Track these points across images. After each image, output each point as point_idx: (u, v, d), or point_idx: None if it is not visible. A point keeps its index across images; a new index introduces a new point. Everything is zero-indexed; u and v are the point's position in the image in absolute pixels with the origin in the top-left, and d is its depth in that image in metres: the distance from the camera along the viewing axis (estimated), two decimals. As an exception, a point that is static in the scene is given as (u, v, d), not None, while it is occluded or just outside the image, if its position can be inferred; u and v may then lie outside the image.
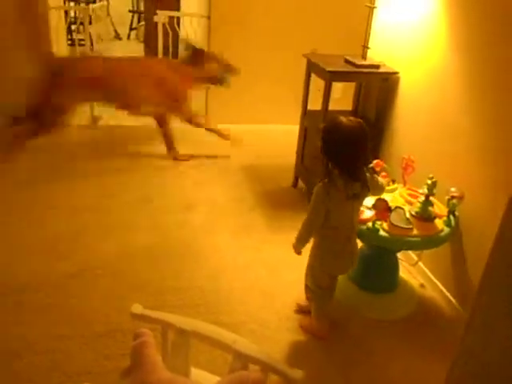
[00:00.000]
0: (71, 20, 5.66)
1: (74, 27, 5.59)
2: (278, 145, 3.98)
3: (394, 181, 2.26)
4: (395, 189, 2.23)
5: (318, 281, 1.93)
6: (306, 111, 3.03)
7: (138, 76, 3.29)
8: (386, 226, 1.95)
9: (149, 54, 6.48)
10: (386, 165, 2.26)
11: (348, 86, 3.54)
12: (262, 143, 4.01)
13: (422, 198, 2.03)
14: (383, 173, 2.23)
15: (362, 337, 2.05)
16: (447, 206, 2.02)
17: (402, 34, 2.62)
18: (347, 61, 2.74)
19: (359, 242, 1.99)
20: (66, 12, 5.17)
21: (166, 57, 4.04)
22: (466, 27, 2.14)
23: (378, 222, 1.94)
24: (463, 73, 2.15)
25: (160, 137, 3.59)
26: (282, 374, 1.45)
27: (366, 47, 2.70)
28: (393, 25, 2.71)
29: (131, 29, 7.90)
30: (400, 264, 2.27)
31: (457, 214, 2.06)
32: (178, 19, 4.19)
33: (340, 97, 3.52)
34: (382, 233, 1.94)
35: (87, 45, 3.81)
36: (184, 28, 4.18)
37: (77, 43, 4.39)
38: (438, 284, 2.32)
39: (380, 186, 1.91)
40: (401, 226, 1.94)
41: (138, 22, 7.81)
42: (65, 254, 2.42)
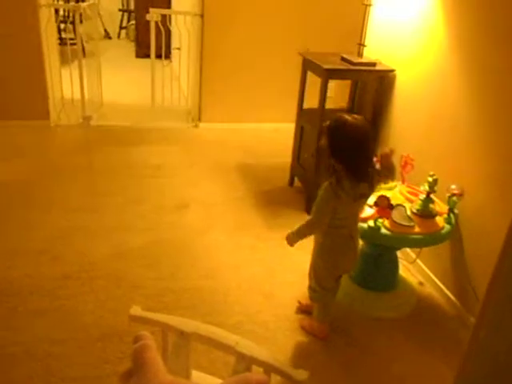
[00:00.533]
0: (61, 19, 5.59)
1: (64, 26, 5.51)
2: (271, 143, 3.96)
3: (391, 179, 2.24)
4: (394, 186, 2.21)
5: (322, 281, 1.91)
6: (301, 109, 3.00)
7: None
8: (387, 223, 1.93)
9: (140, 53, 6.44)
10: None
11: (340, 84, 3.52)
12: (255, 142, 3.99)
13: (423, 195, 2.02)
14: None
15: (362, 336, 2.03)
16: (448, 203, 2.01)
17: (398, 32, 2.61)
18: (343, 59, 2.73)
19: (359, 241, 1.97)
20: (56, 10, 5.09)
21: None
22: (463, 24, 2.13)
23: (380, 220, 1.92)
24: (461, 70, 2.14)
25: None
26: (286, 376, 1.43)
27: (362, 45, 2.69)
28: (389, 22, 2.70)
29: (121, 28, 7.85)
30: (399, 262, 2.26)
31: (456, 211, 2.05)
32: (169, 18, 4.15)
33: (332, 95, 3.50)
34: (383, 231, 1.92)
35: (79, 44, 3.75)
36: (176, 26, 4.12)
37: (68, 43, 4.32)
38: (437, 281, 2.31)
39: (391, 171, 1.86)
40: (403, 223, 1.92)
41: (128, 20, 7.75)
42: (57, 256, 2.37)
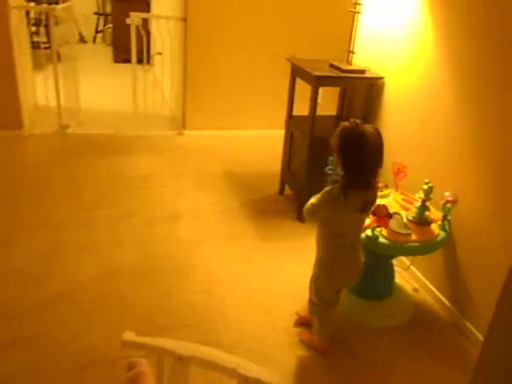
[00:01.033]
0: (32, 21, 5.43)
1: (35, 29, 5.35)
2: (259, 150, 3.94)
3: (386, 186, 2.25)
4: (388, 194, 2.22)
5: (323, 295, 1.88)
6: (291, 116, 2.99)
7: None
8: (385, 232, 1.93)
9: (118, 58, 6.32)
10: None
11: (327, 91, 3.53)
12: (242, 149, 3.96)
13: (418, 203, 2.03)
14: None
15: (361, 347, 2.01)
16: (442, 210, 2.01)
17: (387, 40, 2.62)
18: (332, 65, 2.72)
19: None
20: (27, 13, 4.94)
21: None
22: (452, 32, 2.15)
23: (378, 229, 1.91)
24: (451, 78, 2.16)
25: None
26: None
27: (351, 52, 2.68)
28: (377, 30, 2.71)
29: (97, 31, 7.70)
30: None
31: (449, 217, 2.06)
32: (148, 22, 4.08)
33: (321, 102, 3.50)
34: (381, 240, 1.91)
35: (53, 48, 3.64)
36: (158, 32, 4.05)
37: (41, 46, 4.20)
38: (431, 287, 2.32)
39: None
40: (400, 231, 1.92)
41: (105, 24, 7.61)
42: (40, 277, 2.24)
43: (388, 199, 2.16)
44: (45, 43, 4.44)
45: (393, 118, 2.62)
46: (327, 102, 3.35)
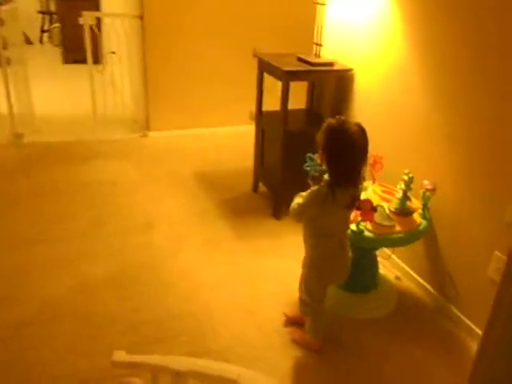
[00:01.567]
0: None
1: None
2: (227, 148, 3.87)
3: (364, 178, 2.24)
4: (367, 187, 2.22)
5: (314, 294, 1.86)
6: (261, 112, 2.94)
7: None
8: (369, 226, 1.93)
9: (68, 58, 6.04)
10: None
11: (292, 84, 3.50)
12: (210, 147, 3.88)
13: (399, 193, 2.04)
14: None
15: (352, 341, 2.01)
16: (422, 198, 2.04)
17: (355, 31, 2.61)
18: (300, 59, 2.69)
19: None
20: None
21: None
22: (421, 21, 2.17)
23: (362, 223, 1.91)
24: (422, 67, 2.18)
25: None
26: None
27: (318, 45, 2.66)
28: (344, 22, 2.69)
29: (43, 31, 7.34)
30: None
31: (428, 206, 2.09)
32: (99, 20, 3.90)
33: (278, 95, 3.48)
34: (366, 233, 1.92)
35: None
36: (111, 30, 3.88)
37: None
38: (414, 275, 2.36)
39: None
40: (384, 224, 1.93)
41: (50, 23, 7.27)
42: (11, 298, 2.10)
43: (368, 192, 2.17)
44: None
45: (365, 110, 2.63)
46: (292, 95, 3.33)
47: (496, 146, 1.85)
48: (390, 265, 2.47)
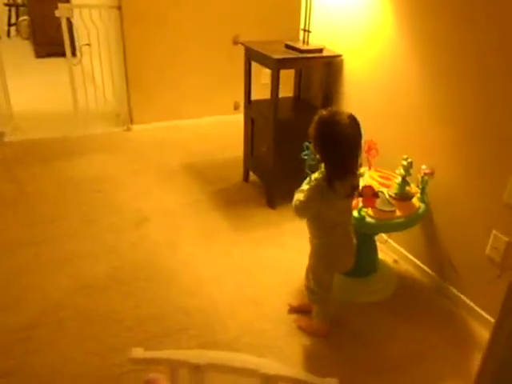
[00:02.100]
0: None
1: None
2: (212, 138, 3.84)
3: (360, 165, 2.26)
4: (363, 173, 2.23)
5: (323, 282, 1.88)
6: (249, 101, 2.91)
7: None
8: (371, 211, 1.95)
9: (40, 52, 5.85)
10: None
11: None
12: (195, 138, 3.84)
13: (398, 178, 2.06)
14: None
15: (356, 324, 2.04)
16: (420, 183, 2.07)
17: (342, 16, 2.60)
18: (288, 46, 2.67)
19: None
20: None
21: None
22: (412, 3, 2.17)
23: (364, 209, 1.93)
24: (413, 51, 2.19)
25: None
26: (316, 387, 1.39)
27: (307, 31, 2.64)
28: (331, 6, 2.67)
29: (10, 25, 7.07)
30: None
31: (426, 189, 2.12)
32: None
33: (268, 82, 3.46)
34: (368, 219, 1.93)
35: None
36: (84, 21, 3.76)
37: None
38: (411, 257, 2.40)
39: None
40: (385, 209, 1.95)
41: (17, 16, 7.01)
42: (10, 302, 2.05)
43: (365, 178, 2.18)
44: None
45: (355, 95, 2.63)
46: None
47: (492, 126, 1.88)
48: (387, 249, 2.50)
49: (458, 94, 2.01)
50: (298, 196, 1.75)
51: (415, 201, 2.06)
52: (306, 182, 1.91)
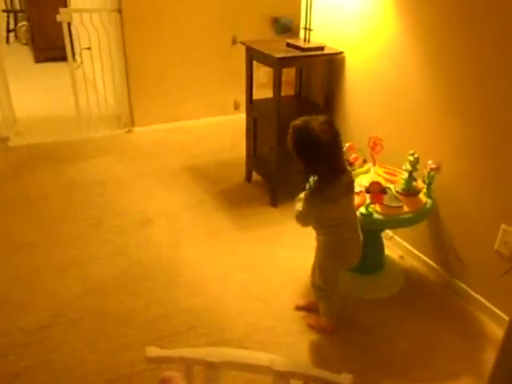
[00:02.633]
0: None
1: None
2: (212, 139, 3.83)
3: (365, 161, 2.26)
4: (368, 169, 2.23)
5: (330, 279, 1.88)
6: (251, 101, 2.91)
7: None
8: (378, 208, 1.94)
9: (40, 57, 5.85)
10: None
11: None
12: (197, 139, 3.83)
13: (403, 174, 2.06)
14: (354, 154, 2.23)
15: (364, 320, 2.04)
16: (427, 178, 2.06)
17: (342, 13, 2.60)
18: (290, 45, 2.67)
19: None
20: None
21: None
22: (413, 0, 2.17)
23: (372, 206, 1.92)
24: (416, 46, 2.19)
25: None
26: (329, 383, 1.39)
27: (308, 29, 2.65)
28: (331, 3, 2.67)
29: (9, 31, 7.08)
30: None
31: (432, 184, 2.12)
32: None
33: (267, 81, 3.46)
34: (376, 216, 1.93)
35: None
36: (84, 25, 3.76)
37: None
38: (417, 253, 2.40)
39: None
40: (392, 205, 1.95)
41: (16, 22, 7.01)
42: (22, 303, 2.07)
43: (370, 174, 2.18)
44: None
45: (357, 92, 2.63)
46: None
47: (497, 119, 1.88)
48: (393, 245, 2.50)
49: (461, 87, 2.01)
50: (298, 206, 1.76)
51: (422, 196, 2.06)
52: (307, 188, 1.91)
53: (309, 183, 1.83)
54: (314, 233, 1.89)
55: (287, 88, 2.61)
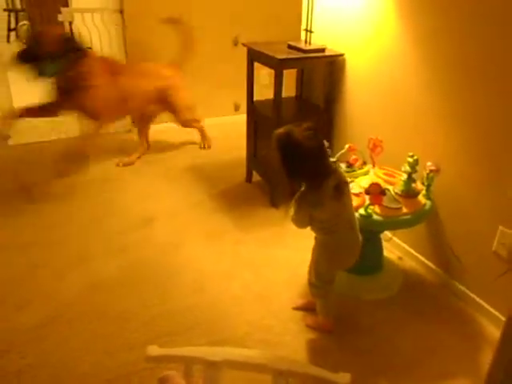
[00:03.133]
0: None
1: None
2: (214, 140, 3.84)
3: (365, 163, 2.28)
4: (368, 171, 2.25)
5: (325, 276, 1.89)
6: (252, 102, 2.93)
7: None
8: (377, 209, 1.96)
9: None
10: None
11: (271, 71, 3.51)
12: (196, 140, 3.84)
13: (402, 176, 2.08)
14: (354, 156, 2.25)
15: (364, 321, 2.05)
16: (426, 180, 2.08)
17: (343, 14, 2.62)
18: (291, 46, 2.69)
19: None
20: None
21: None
22: (414, 2, 2.18)
23: (371, 207, 1.94)
24: (417, 48, 2.20)
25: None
26: (328, 382, 1.40)
27: (309, 31, 2.66)
28: (332, 5, 2.69)
29: (10, 30, 7.08)
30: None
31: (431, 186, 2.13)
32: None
33: (268, 83, 3.47)
34: (375, 217, 1.94)
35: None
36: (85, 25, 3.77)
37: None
38: (416, 254, 2.41)
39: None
40: (392, 206, 1.96)
41: (17, 21, 7.02)
42: (22, 302, 2.08)
43: (370, 176, 2.20)
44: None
45: (358, 94, 2.65)
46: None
47: (497, 120, 1.89)
48: (391, 246, 2.52)
49: (461, 90, 2.02)
50: (290, 211, 1.80)
51: (421, 198, 2.07)
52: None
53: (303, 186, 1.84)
54: (313, 233, 1.91)
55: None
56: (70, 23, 3.54)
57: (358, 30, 2.54)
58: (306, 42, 2.70)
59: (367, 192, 1.88)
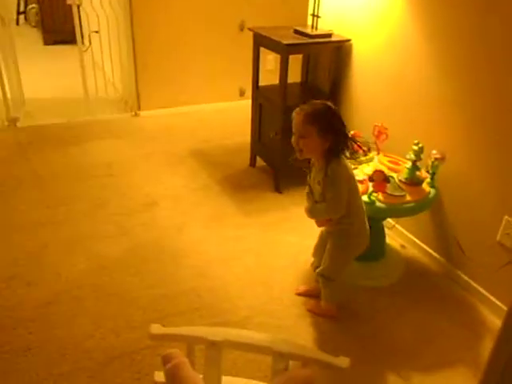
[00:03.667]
0: None
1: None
2: (219, 124, 3.85)
3: (369, 149, 2.27)
4: (372, 157, 2.24)
5: (341, 267, 1.91)
6: (257, 87, 2.91)
7: None
8: (381, 196, 1.95)
9: (48, 40, 5.86)
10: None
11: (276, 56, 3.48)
12: (201, 124, 3.84)
13: (407, 163, 2.07)
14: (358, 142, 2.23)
15: (365, 307, 2.07)
16: (431, 168, 2.07)
17: (349, 1, 2.58)
18: (297, 31, 2.66)
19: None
20: None
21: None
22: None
23: (374, 194, 1.94)
24: (425, 34, 2.17)
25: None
26: (327, 365, 1.41)
27: (316, 16, 2.63)
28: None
29: (19, 13, 7.06)
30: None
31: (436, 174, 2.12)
32: None
33: (273, 68, 3.45)
34: (378, 204, 1.94)
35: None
36: (93, 7, 3.75)
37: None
38: (418, 242, 2.41)
39: None
40: (395, 194, 1.96)
41: (26, 4, 7.00)
42: (31, 280, 2.12)
43: (374, 163, 2.19)
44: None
45: (364, 80, 2.62)
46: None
47: (503, 109, 1.88)
48: (394, 234, 2.51)
49: (469, 78, 2.00)
50: (309, 202, 1.82)
51: (425, 186, 2.06)
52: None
53: (309, 186, 1.83)
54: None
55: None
56: (78, 6, 3.52)
57: (365, 15, 2.51)
58: (312, 27, 2.67)
59: (371, 179, 1.88)
